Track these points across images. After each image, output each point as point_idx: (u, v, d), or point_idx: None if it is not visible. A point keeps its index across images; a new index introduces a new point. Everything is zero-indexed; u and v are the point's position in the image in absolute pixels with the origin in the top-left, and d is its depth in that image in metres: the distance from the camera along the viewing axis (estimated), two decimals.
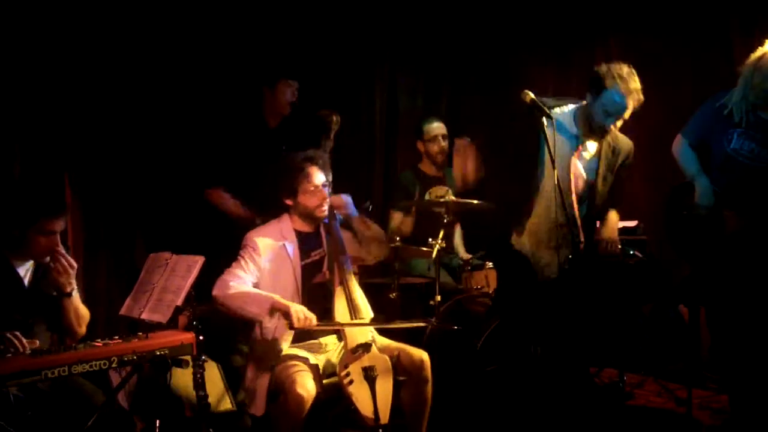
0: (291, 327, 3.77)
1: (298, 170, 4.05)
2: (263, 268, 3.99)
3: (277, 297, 3.84)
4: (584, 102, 4.26)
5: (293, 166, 4.08)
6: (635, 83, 4.08)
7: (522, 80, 6.05)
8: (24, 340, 3.30)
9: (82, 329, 3.78)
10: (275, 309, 3.81)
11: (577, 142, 4.26)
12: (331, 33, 5.85)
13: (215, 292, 3.86)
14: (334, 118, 4.85)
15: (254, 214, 4.68)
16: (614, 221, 4.43)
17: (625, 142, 4.39)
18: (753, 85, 4.14)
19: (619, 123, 4.19)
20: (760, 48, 4.17)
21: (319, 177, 4.07)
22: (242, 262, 3.98)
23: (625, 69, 4.11)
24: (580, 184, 4.30)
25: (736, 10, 5.43)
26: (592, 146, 4.29)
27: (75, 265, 3.64)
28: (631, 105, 4.09)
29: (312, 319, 3.78)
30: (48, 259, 3.60)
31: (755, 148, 4.14)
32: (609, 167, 4.34)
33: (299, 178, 4.04)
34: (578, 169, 4.28)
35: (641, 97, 4.09)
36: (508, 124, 4.31)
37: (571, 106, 4.31)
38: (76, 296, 3.71)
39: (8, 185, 4.45)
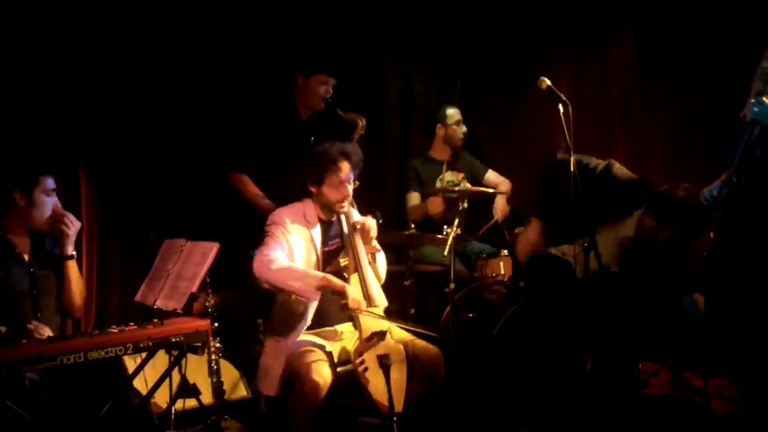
0: (343, 308, 3.79)
1: (329, 161, 4.01)
2: (292, 246, 3.96)
3: (329, 276, 3.84)
4: None
5: (326, 156, 4.04)
6: None
7: (537, 67, 6.03)
8: (46, 329, 3.33)
9: (81, 301, 3.84)
10: (328, 287, 3.80)
11: None
12: (345, 20, 5.83)
13: (257, 268, 3.82)
14: (360, 123, 4.82)
15: (273, 205, 4.66)
16: None
17: None
18: (763, 72, 4.12)
19: None
20: None
21: (347, 173, 4.03)
22: (275, 238, 3.93)
23: None
24: None
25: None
26: None
27: (78, 223, 3.71)
28: None
29: (362, 304, 3.82)
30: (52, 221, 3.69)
31: None
32: None
33: (329, 169, 4.01)
34: None
35: None
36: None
37: None
38: (75, 262, 3.76)
39: None
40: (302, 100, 4.93)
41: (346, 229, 4.14)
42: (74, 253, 3.75)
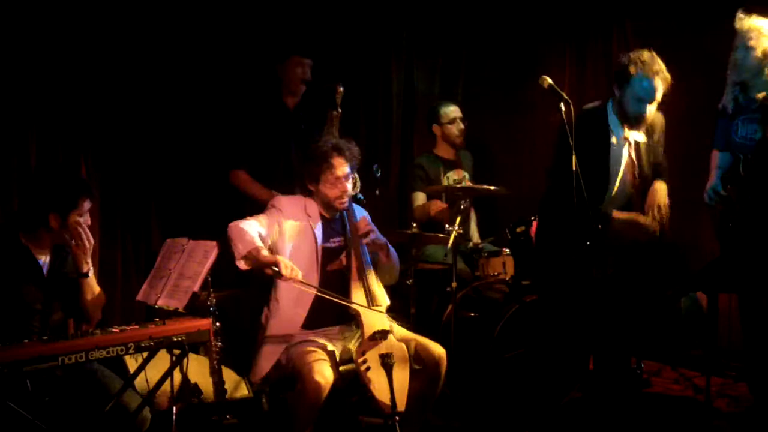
0: (278, 276, 3.73)
1: (322, 159, 4.02)
2: (284, 234, 3.97)
3: (264, 252, 3.78)
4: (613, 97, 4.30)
5: (319, 153, 4.04)
6: (659, 65, 4.12)
7: (539, 64, 6.02)
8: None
9: (98, 313, 3.78)
10: (256, 258, 3.74)
11: (621, 134, 4.27)
12: (348, 15, 5.82)
13: (230, 224, 3.86)
14: (339, 89, 4.84)
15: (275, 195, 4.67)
16: (662, 188, 4.37)
17: (657, 118, 4.37)
18: (737, 63, 4.15)
19: (653, 107, 4.20)
20: None
21: (342, 168, 4.02)
22: (263, 218, 3.97)
23: (645, 53, 4.16)
24: (629, 175, 4.32)
25: None
26: (632, 136, 4.27)
27: (92, 240, 3.63)
28: (660, 86, 4.13)
29: (298, 273, 3.74)
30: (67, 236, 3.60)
31: (757, 128, 4.10)
32: (649, 150, 4.32)
33: (323, 167, 4.01)
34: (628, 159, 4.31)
35: (667, 76, 4.15)
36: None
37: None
38: (92, 278, 3.70)
39: (28, 177, 4.45)
40: (286, 89, 4.99)
41: (348, 228, 4.13)
42: (90, 269, 3.67)
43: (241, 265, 3.78)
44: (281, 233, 3.96)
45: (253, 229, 3.86)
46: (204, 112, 5.19)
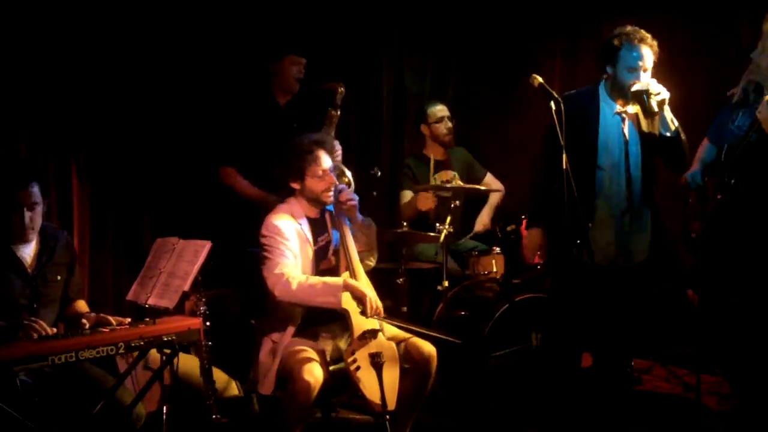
0: (362, 314, 3.79)
1: (306, 154, 4.02)
2: (294, 252, 3.95)
3: (349, 280, 3.85)
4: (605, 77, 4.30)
5: (301, 149, 4.04)
6: (642, 33, 4.15)
7: (529, 65, 6.02)
8: (45, 327, 3.32)
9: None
10: (351, 291, 3.83)
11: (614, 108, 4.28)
12: (338, 16, 5.82)
13: (278, 293, 3.80)
14: (339, 89, 4.85)
15: (266, 193, 4.66)
16: None
17: None
18: (753, 61, 4.16)
19: (647, 76, 4.19)
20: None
21: (327, 161, 4.04)
22: (279, 251, 3.90)
23: (627, 26, 4.19)
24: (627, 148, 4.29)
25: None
26: (629, 109, 4.28)
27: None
28: (649, 53, 4.14)
29: (381, 310, 3.82)
30: None
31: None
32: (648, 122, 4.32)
33: (308, 161, 4.01)
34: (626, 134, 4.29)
35: (654, 43, 4.16)
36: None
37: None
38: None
39: None
40: (278, 87, 4.97)
41: (335, 224, 4.13)
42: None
43: (341, 304, 3.82)
44: (293, 252, 3.95)
45: (297, 269, 3.88)
46: (194, 110, 5.18)
